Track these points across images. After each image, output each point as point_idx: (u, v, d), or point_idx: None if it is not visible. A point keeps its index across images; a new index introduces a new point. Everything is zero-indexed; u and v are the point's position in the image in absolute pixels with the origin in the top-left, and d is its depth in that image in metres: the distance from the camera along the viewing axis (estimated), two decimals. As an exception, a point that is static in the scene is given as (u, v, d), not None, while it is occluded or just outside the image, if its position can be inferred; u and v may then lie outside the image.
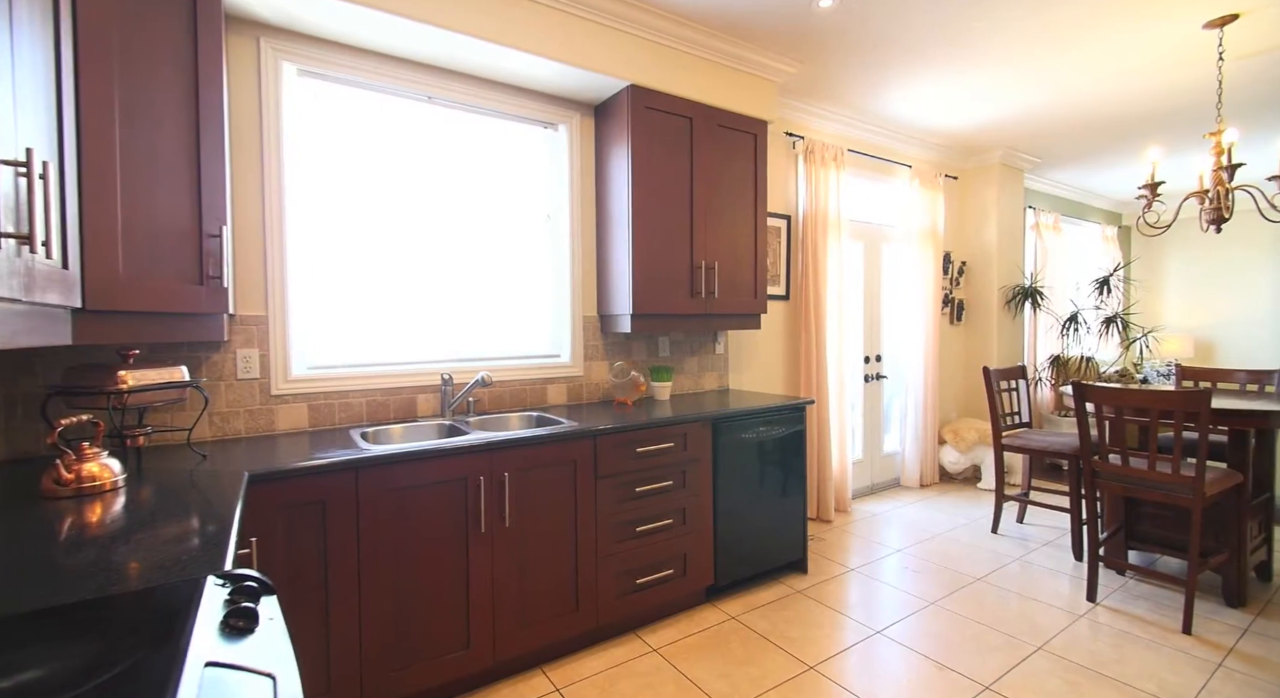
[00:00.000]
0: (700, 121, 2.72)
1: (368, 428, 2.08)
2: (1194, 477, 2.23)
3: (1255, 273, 6.12)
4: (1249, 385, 3.11)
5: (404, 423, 2.18)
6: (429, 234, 2.40)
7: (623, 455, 2.17)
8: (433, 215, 2.41)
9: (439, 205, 2.42)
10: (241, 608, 0.74)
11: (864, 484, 4.10)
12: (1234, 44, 2.77)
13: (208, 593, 0.78)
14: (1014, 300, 4.71)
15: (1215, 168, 2.50)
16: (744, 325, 2.97)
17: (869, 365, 4.11)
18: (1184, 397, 2.20)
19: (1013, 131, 4.06)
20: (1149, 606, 2.45)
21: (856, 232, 4.03)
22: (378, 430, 2.06)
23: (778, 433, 2.68)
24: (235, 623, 0.72)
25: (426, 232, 2.39)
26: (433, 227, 2.41)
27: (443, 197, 2.43)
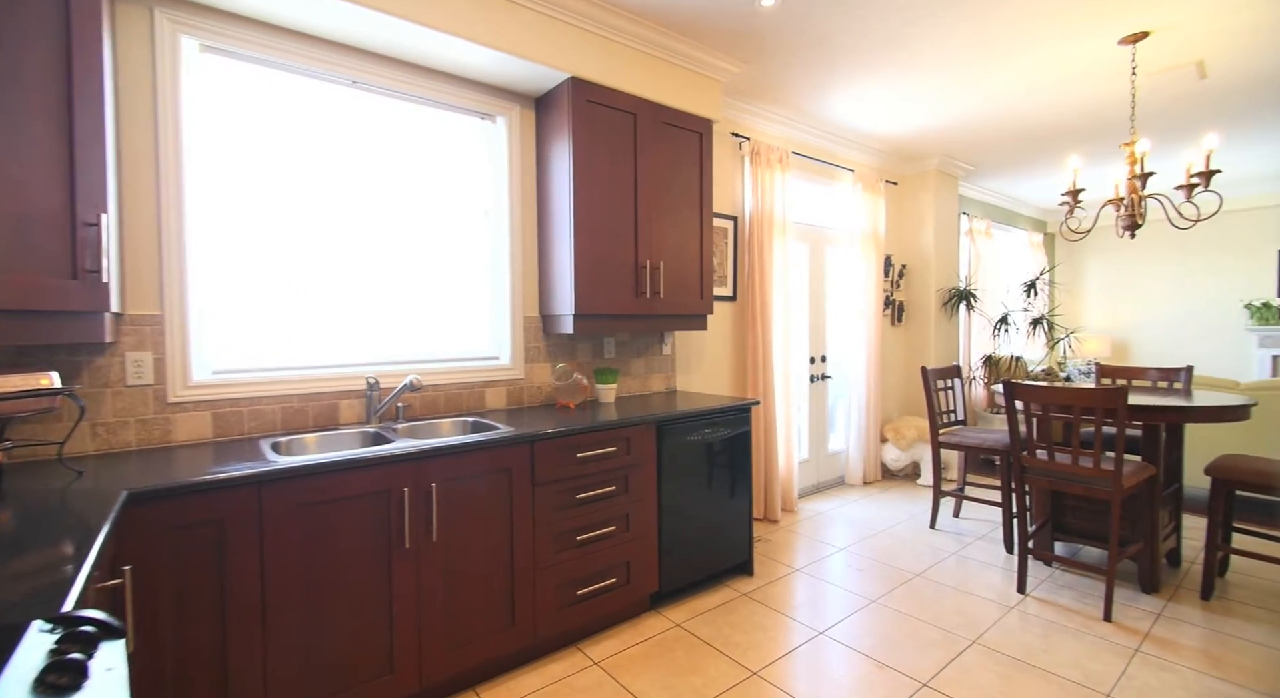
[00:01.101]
0: (644, 118, 2.67)
1: (281, 438, 1.91)
2: (1113, 471, 2.34)
3: (1164, 277, 6.60)
4: (1160, 382, 3.31)
5: (324, 431, 2.02)
6: (356, 229, 2.24)
7: (562, 461, 2.08)
8: (360, 209, 2.25)
9: (367, 199, 2.27)
10: (65, 661, 0.62)
11: (810, 483, 4.15)
12: (1145, 61, 2.94)
13: (27, 643, 0.65)
14: (950, 302, 4.88)
15: (1129, 176, 2.64)
16: (690, 326, 2.94)
17: (814, 366, 4.16)
18: (1103, 394, 2.30)
19: (948, 139, 4.21)
20: (1073, 595, 2.56)
21: (802, 233, 4.07)
22: (291, 440, 1.90)
23: (723, 435, 2.66)
24: (55, 680, 0.60)
25: (353, 226, 2.24)
26: (360, 221, 2.25)
27: (371, 189, 2.28)
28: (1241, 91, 3.34)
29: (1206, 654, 2.08)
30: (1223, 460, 2.53)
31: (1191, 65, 2.98)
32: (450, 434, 2.25)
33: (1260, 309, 5.84)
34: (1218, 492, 2.50)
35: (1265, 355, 5.89)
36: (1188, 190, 2.63)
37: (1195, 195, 2.63)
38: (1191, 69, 3.03)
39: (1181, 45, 2.78)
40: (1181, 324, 6.46)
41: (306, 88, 2.13)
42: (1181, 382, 3.22)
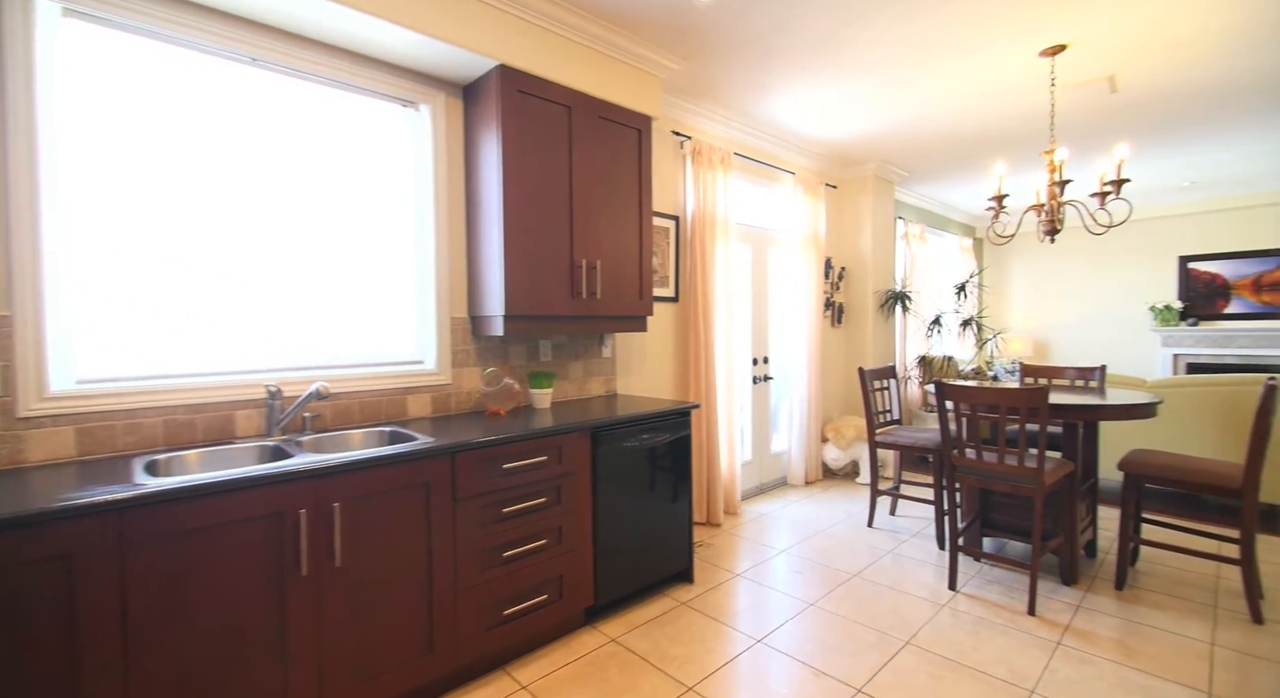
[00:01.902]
0: (580, 112, 2.56)
1: (160, 455, 1.69)
2: (1036, 468, 2.41)
3: (1080, 281, 7.03)
4: (1077, 381, 3.48)
5: (216, 446, 1.81)
6: (259, 222, 2.03)
7: (487, 473, 1.95)
8: (264, 200, 2.04)
9: (272, 189, 2.06)
10: None
11: (753, 484, 4.15)
12: (1063, 73, 3.06)
13: None
14: (887, 304, 5.01)
15: (1049, 183, 2.74)
16: (629, 328, 2.85)
17: (757, 367, 4.16)
18: (1026, 395, 2.37)
19: (884, 145, 4.30)
20: (1000, 590, 2.63)
21: (744, 235, 4.07)
22: (172, 458, 1.69)
23: (662, 440, 2.58)
24: None
25: (256, 219, 2.03)
26: (264, 214, 2.04)
27: (277, 179, 2.07)
28: (1148, 106, 3.55)
29: (1122, 645, 2.16)
30: (1134, 455, 2.66)
31: (1104, 79, 3.14)
32: (362, 446, 2.08)
33: (1163, 311, 6.30)
34: (1129, 486, 2.62)
35: (1167, 354, 6.36)
36: (1101, 198, 2.75)
37: (1108, 203, 2.76)
38: (1104, 83, 3.19)
39: (1095, 59, 2.91)
40: (1095, 325, 6.90)
41: (199, 65, 1.90)
42: (1096, 380, 3.39)
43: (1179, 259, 6.31)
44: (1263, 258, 5.83)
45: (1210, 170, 5.13)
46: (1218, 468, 2.43)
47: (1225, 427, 3.51)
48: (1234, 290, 5.99)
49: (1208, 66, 3.00)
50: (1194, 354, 6.20)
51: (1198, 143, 4.29)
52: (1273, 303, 5.79)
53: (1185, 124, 3.86)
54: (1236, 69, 3.03)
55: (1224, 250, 6.05)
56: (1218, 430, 3.54)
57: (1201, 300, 6.18)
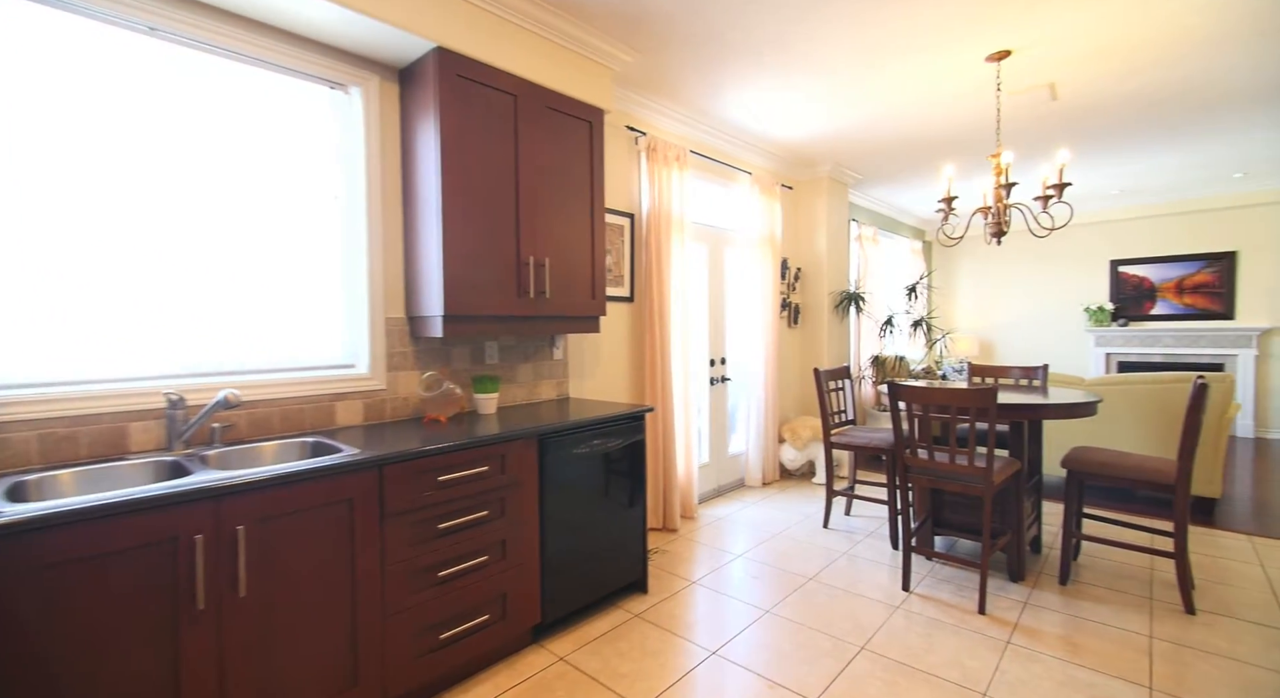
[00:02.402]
0: (527, 101, 2.43)
1: (31, 475, 1.47)
2: (985, 468, 2.42)
3: (1022, 284, 7.31)
4: (1021, 380, 3.57)
5: (102, 464, 1.60)
6: (160, 211, 1.82)
7: (420, 486, 1.80)
8: (165, 187, 1.83)
9: (176, 175, 1.85)
10: None
11: (710, 487, 4.09)
12: (1008, 79, 3.12)
13: None
14: (841, 305, 5.06)
15: (995, 185, 2.78)
16: (581, 328, 2.74)
17: (714, 368, 4.12)
18: (976, 395, 2.38)
19: (838, 147, 4.33)
20: (952, 589, 2.64)
21: (700, 234, 4.01)
22: (43, 478, 1.47)
23: (614, 445, 2.48)
24: None
25: (156, 208, 1.81)
26: (165, 202, 1.83)
27: (182, 164, 1.86)
28: (1085, 115, 3.68)
29: (1067, 642, 2.19)
30: (1076, 453, 2.72)
31: (1045, 87, 3.22)
32: (278, 460, 1.89)
33: (1096, 312, 6.61)
34: (1072, 483, 2.68)
35: (1100, 353, 6.68)
36: (1044, 201, 2.81)
37: (1050, 206, 2.82)
38: (1045, 91, 3.28)
39: (1038, 66, 2.97)
40: (1036, 325, 7.20)
41: (88, 33, 1.68)
42: (1039, 379, 3.48)
43: (1110, 263, 6.64)
44: (1185, 262, 6.19)
45: (1139, 179, 5.40)
46: (1153, 464, 2.50)
47: (1155, 422, 3.67)
48: (1159, 293, 6.35)
49: (1138, 78, 3.12)
50: (1124, 353, 6.53)
51: (1128, 152, 4.50)
52: (1194, 304, 6.15)
53: (1118, 133, 4.03)
54: (1164, 81, 3.16)
55: (1150, 255, 6.39)
56: (1148, 426, 3.69)
57: (1131, 302, 6.52)
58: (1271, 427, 5.76)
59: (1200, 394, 2.32)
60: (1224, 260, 5.97)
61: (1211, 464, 3.50)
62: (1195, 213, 6.10)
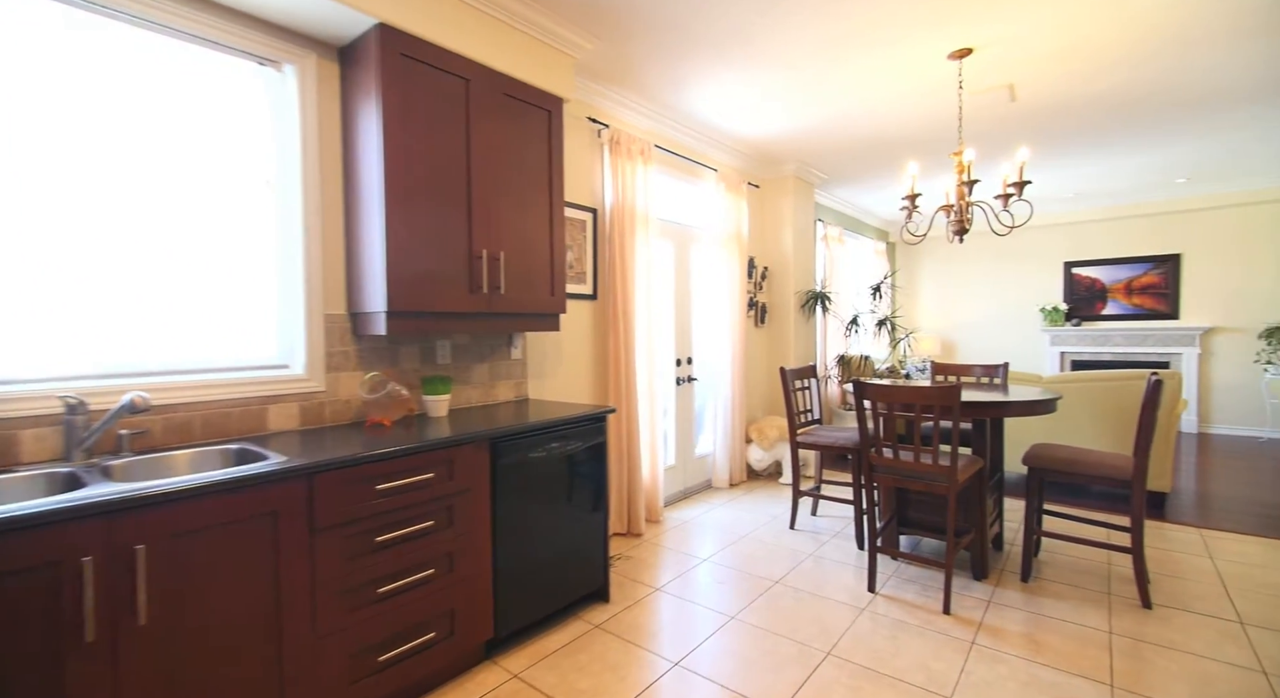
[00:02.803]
0: (480, 86, 2.31)
1: (-110, 492, 1.29)
2: (949, 466, 2.40)
3: (981, 284, 7.48)
4: (983, 378, 3.60)
5: (-15, 476, 1.41)
6: (61, 197, 1.63)
7: (355, 496, 1.66)
8: (68, 170, 1.64)
9: (82, 156, 1.66)
10: None
11: (677, 489, 4.01)
12: (970, 78, 3.14)
13: None
14: (807, 304, 5.05)
15: (958, 183, 2.78)
16: (540, 326, 2.62)
17: (681, 368, 4.04)
18: (940, 393, 2.35)
19: (803, 146, 4.31)
20: (917, 589, 2.62)
21: (666, 231, 3.93)
22: (-97, 496, 1.29)
23: (574, 448, 2.37)
24: None
25: (56, 190, 1.62)
26: (68, 187, 1.65)
27: (90, 143, 1.68)
28: (1044, 117, 3.74)
29: (1030, 640, 2.18)
30: (1036, 450, 2.73)
31: (1005, 87, 3.25)
32: (195, 469, 1.72)
33: (1051, 312, 6.80)
34: (1033, 480, 2.69)
35: (1055, 352, 6.87)
36: (1004, 200, 2.82)
37: (1011, 204, 2.83)
38: (1005, 91, 3.31)
39: (998, 65, 2.99)
40: (995, 325, 7.37)
41: (-39, -13, 1.49)
42: (1000, 377, 3.51)
43: (1064, 265, 6.84)
44: (1133, 264, 6.42)
45: (1092, 182, 5.57)
46: (1111, 460, 2.52)
47: (1109, 418, 3.75)
48: (1110, 293, 6.56)
49: (1098, 82, 3.17)
50: (1078, 352, 6.73)
51: (1084, 155, 4.61)
52: (1142, 305, 6.38)
53: (1075, 136, 4.12)
54: (1124, 85, 3.23)
55: (1101, 257, 6.61)
56: (1103, 422, 3.77)
57: (1083, 303, 6.73)
58: (1214, 422, 6.01)
59: (1155, 391, 2.35)
60: (1169, 262, 6.21)
61: (1162, 459, 3.59)
62: (1143, 216, 6.33)
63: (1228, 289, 5.92)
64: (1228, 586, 2.59)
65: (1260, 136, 4.24)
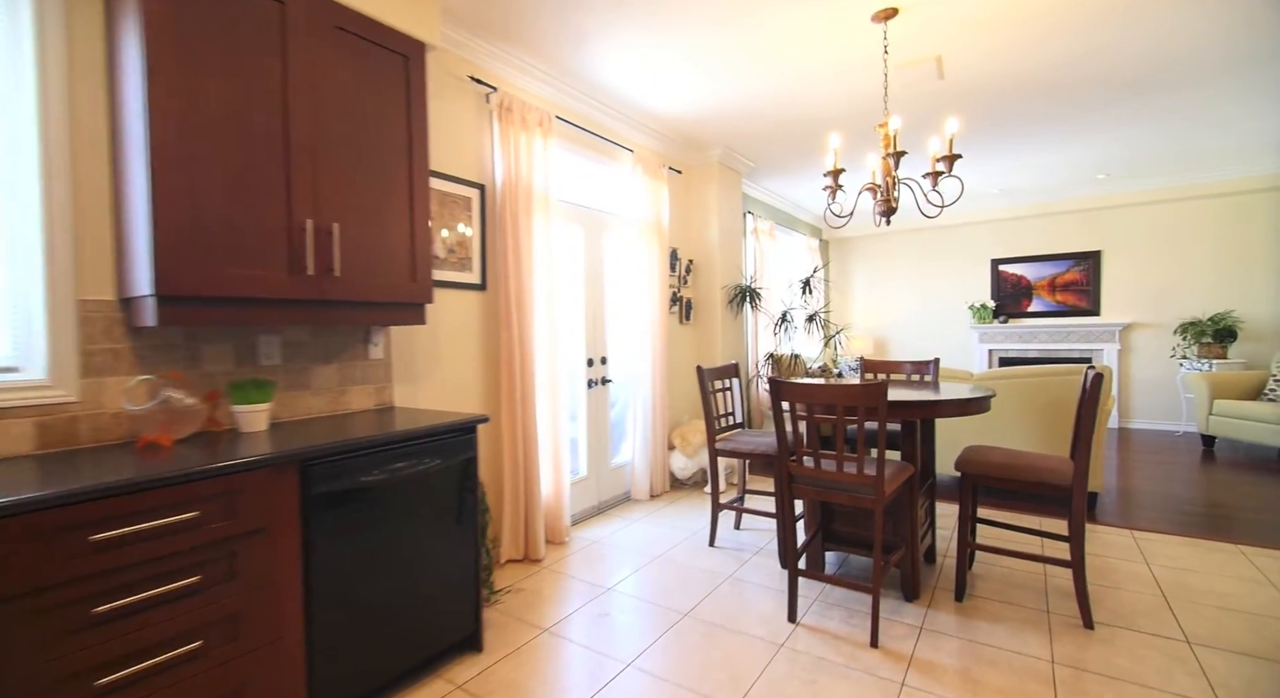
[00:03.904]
0: (303, 13, 1.82)
1: None
2: (876, 476, 2.09)
3: (911, 282, 7.45)
4: (913, 375, 3.37)
5: None
6: None
7: (60, 552, 1.15)
8: None
9: None
10: None
11: (589, 504, 3.59)
12: (895, 49, 2.88)
13: None
14: (735, 300, 4.75)
15: (884, 154, 2.50)
16: (399, 319, 2.15)
17: (593, 369, 3.63)
18: (864, 392, 2.04)
19: (727, 127, 4.00)
20: (843, 615, 2.30)
21: (573, 215, 3.51)
22: None
23: (429, 467, 1.91)
24: None
25: None
26: None
27: None
28: (970, 98, 3.55)
29: (966, 677, 1.88)
30: (969, 455, 2.47)
31: (932, 60, 3.02)
32: None
33: (979, 310, 6.81)
34: (966, 487, 2.43)
35: (984, 349, 6.89)
36: (934, 178, 2.56)
37: (940, 183, 2.58)
38: (932, 65, 3.08)
39: (925, 32, 2.75)
40: (925, 322, 7.35)
41: None
42: (930, 374, 3.29)
43: (991, 262, 6.87)
44: (1056, 261, 6.50)
45: (1018, 177, 5.55)
46: (1048, 464, 2.28)
47: (1040, 415, 3.60)
48: (1035, 291, 6.63)
49: (1025, 57, 2.98)
50: (1005, 349, 6.77)
51: (1010, 147, 4.52)
52: (1065, 302, 6.47)
53: (1002, 124, 3.98)
54: (1052, 62, 3.06)
55: (1026, 254, 6.67)
56: (1033, 419, 3.62)
57: (1010, 300, 6.77)
58: (1134, 417, 6.13)
59: (1096, 386, 2.11)
60: (1089, 259, 6.31)
61: (1093, 458, 3.46)
62: (1066, 213, 6.41)
63: (1145, 286, 6.05)
64: (1168, 596, 2.40)
65: (1175, 133, 4.24)
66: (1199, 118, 3.98)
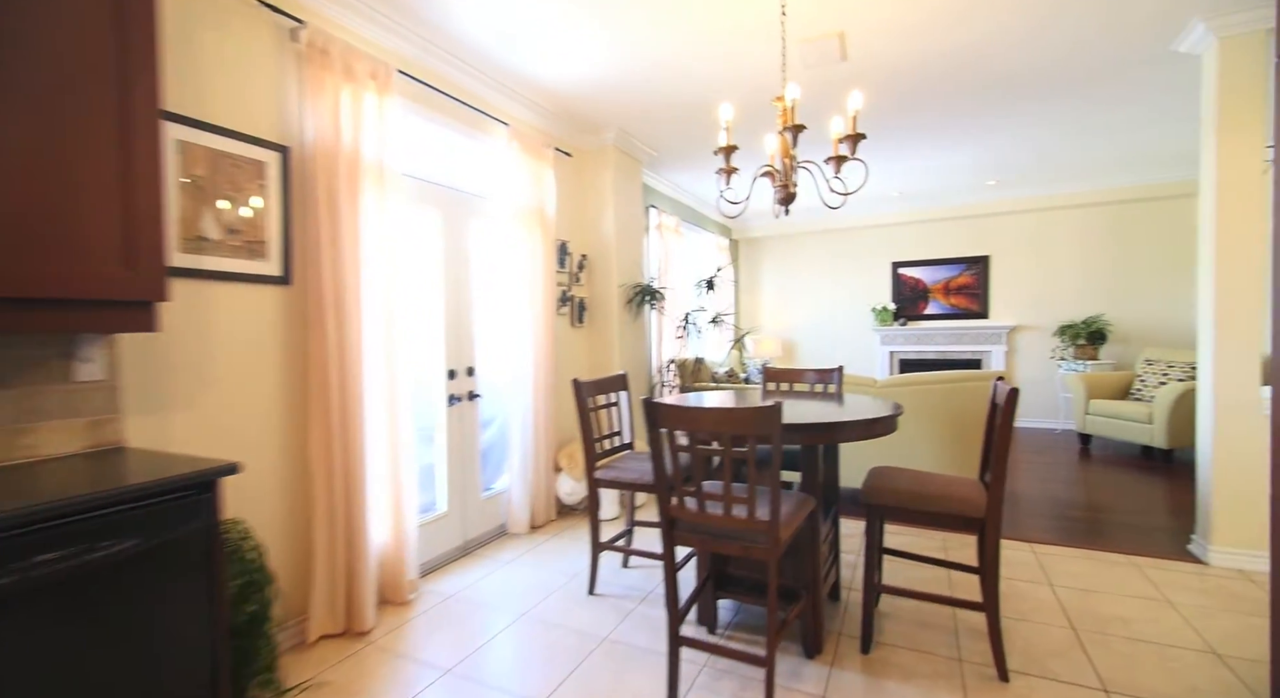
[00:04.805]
0: None
1: None
2: (770, 522, 1.68)
3: (818, 284, 7.39)
4: (817, 384, 3.07)
5: None
6: None
7: None
8: None
9: None
10: None
11: (451, 546, 2.99)
12: (794, 21, 2.53)
13: None
14: (635, 300, 4.31)
15: (781, 128, 2.12)
16: (107, 323, 1.47)
17: (456, 382, 3.03)
18: (755, 417, 1.63)
19: (619, 106, 3.54)
20: (735, 687, 1.88)
21: (428, 195, 2.90)
22: None
23: (113, 554, 1.27)
24: None
25: None
26: None
27: None
28: (878, 84, 3.31)
29: (876, 777, 1.51)
30: (875, 479, 2.15)
31: (834, 36, 2.70)
32: None
33: (881, 312, 6.84)
34: (873, 520, 2.10)
35: (885, 352, 6.94)
36: (837, 163, 2.22)
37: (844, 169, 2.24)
38: (835, 43, 2.77)
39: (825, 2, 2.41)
40: (831, 325, 7.32)
41: None
42: (834, 383, 2.99)
43: (892, 264, 6.93)
44: (950, 265, 6.63)
45: (916, 182, 5.53)
46: (960, 491, 1.99)
47: (944, 423, 3.43)
48: (931, 293, 6.74)
49: (930, 36, 2.74)
50: (905, 351, 6.84)
51: (912, 145, 4.40)
52: (958, 305, 6.61)
53: (906, 113, 3.80)
54: (961, 48, 2.84)
55: (923, 258, 6.77)
56: (938, 428, 3.45)
57: (909, 303, 6.85)
58: (1018, 416, 6.33)
59: (1011, 404, 1.83)
60: (979, 264, 6.48)
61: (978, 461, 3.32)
62: (959, 218, 6.55)
63: (1028, 290, 6.28)
64: (1077, 627, 2.20)
65: (1065, 133, 4.29)
66: (1080, 123, 4.01)
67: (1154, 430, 4.59)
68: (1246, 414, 2.68)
